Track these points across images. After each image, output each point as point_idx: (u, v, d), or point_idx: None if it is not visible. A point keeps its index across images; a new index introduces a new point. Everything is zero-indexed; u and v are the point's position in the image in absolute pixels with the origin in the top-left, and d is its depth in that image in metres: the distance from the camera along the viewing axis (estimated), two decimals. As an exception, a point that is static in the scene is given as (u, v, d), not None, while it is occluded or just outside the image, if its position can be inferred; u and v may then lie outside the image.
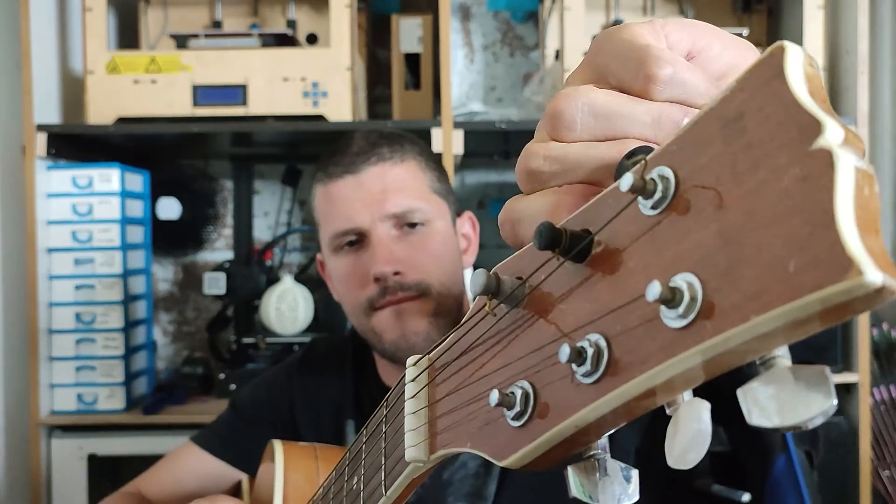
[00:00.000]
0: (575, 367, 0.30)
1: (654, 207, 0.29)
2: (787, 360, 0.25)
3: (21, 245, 1.80)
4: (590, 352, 0.29)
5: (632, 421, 0.95)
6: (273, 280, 2.00)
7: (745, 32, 1.86)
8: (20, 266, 1.80)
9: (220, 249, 2.25)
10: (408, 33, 1.99)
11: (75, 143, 1.87)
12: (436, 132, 1.75)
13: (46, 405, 1.80)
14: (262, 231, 2.23)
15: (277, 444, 0.89)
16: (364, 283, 1.06)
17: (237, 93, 1.79)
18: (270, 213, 2.24)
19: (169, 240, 2.14)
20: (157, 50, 1.93)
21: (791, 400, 0.25)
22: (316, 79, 1.78)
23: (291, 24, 1.95)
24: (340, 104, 1.78)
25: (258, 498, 1.00)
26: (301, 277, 2.00)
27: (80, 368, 1.81)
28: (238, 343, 1.99)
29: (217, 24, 1.96)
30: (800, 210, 0.23)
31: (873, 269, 0.21)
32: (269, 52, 1.80)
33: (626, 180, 0.29)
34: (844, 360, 1.82)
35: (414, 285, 1.05)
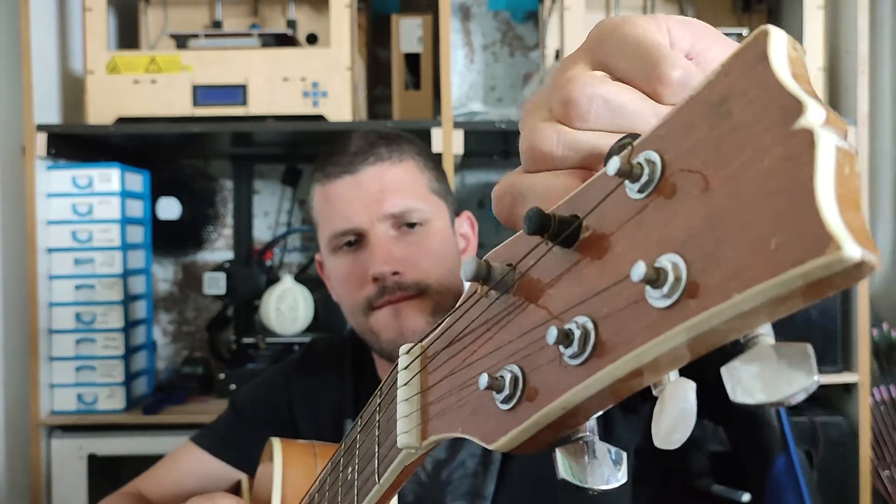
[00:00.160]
0: (562, 349, 0.30)
1: (640, 191, 0.29)
2: (771, 338, 0.26)
3: (21, 245, 1.80)
4: (577, 334, 0.29)
5: (632, 419, 0.95)
6: (273, 280, 2.00)
7: (745, 32, 1.87)
8: (20, 266, 1.80)
9: (220, 249, 2.25)
10: (408, 33, 1.99)
11: (75, 143, 1.87)
12: (436, 132, 1.76)
13: (46, 405, 1.80)
14: (262, 231, 2.24)
15: (276, 442, 0.89)
16: (363, 283, 1.06)
17: (237, 93, 1.79)
18: (270, 213, 2.24)
19: (169, 240, 2.15)
20: (157, 50, 1.93)
21: (774, 377, 0.25)
22: (316, 79, 1.78)
23: (291, 24, 1.96)
24: (340, 104, 1.78)
25: (258, 497, 1.00)
26: (301, 277, 2.00)
27: (80, 368, 1.81)
28: (238, 343, 1.99)
29: (217, 24, 1.96)
30: (782, 189, 0.24)
31: (852, 244, 0.22)
32: (269, 52, 1.80)
33: (613, 164, 0.29)
34: (844, 360, 1.82)
35: (412, 285, 1.06)
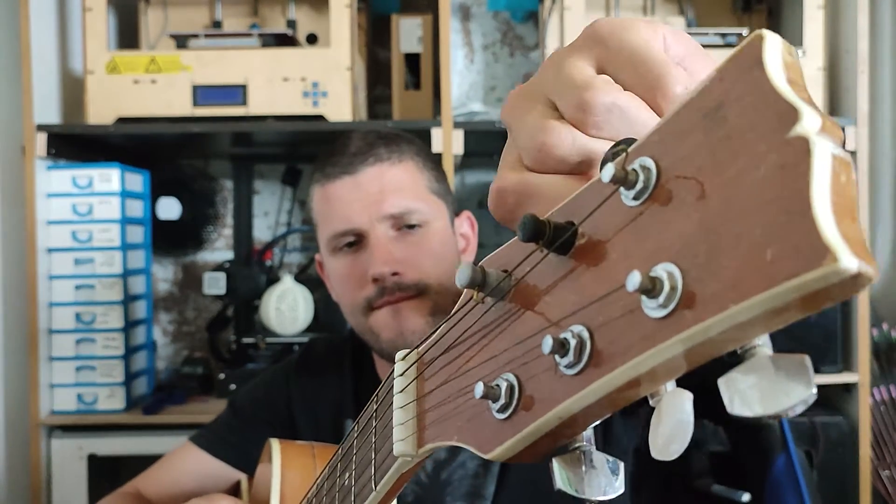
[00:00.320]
0: (558, 358, 0.30)
1: (635, 198, 0.29)
2: (768, 350, 0.25)
3: (21, 245, 1.80)
4: (572, 343, 0.29)
5: (631, 421, 0.95)
6: (273, 280, 2.00)
7: (745, 32, 1.86)
8: (20, 266, 1.80)
9: (220, 249, 2.25)
10: (408, 33, 1.99)
11: (75, 143, 1.87)
12: (436, 132, 1.75)
13: (46, 405, 1.80)
14: (262, 231, 2.24)
15: (275, 443, 0.89)
16: (362, 284, 1.06)
17: (237, 93, 1.79)
18: (270, 213, 2.24)
19: (169, 240, 2.15)
20: (157, 50, 1.93)
21: (771, 389, 0.25)
22: (316, 79, 1.78)
23: (291, 24, 1.95)
24: (340, 104, 1.78)
25: (257, 498, 1.00)
26: (301, 277, 2.00)
27: (80, 368, 1.81)
28: (238, 343, 1.99)
29: (217, 24, 1.96)
30: (777, 198, 0.23)
31: (849, 256, 0.21)
32: (269, 52, 1.80)
33: (608, 171, 0.29)
34: (844, 360, 1.82)
35: (412, 285, 1.05)
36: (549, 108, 0.37)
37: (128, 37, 2.11)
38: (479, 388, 0.33)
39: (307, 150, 2.07)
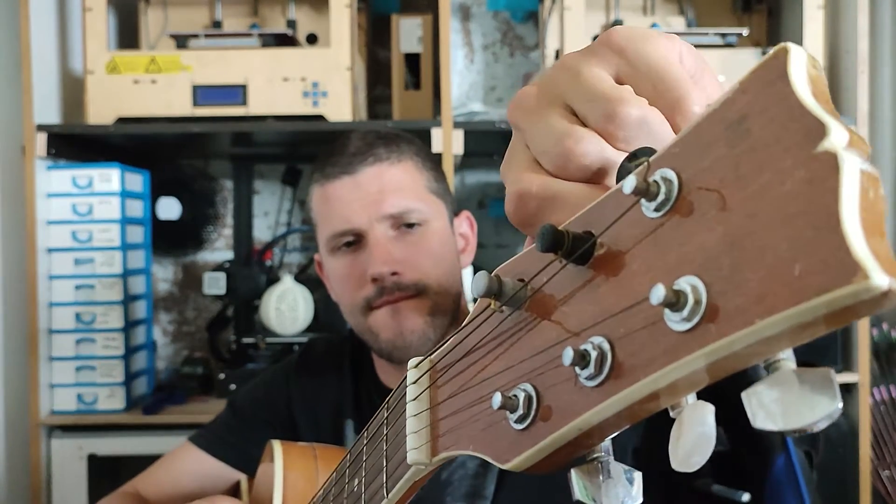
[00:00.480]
0: (578, 370, 0.30)
1: (657, 210, 0.28)
2: (792, 363, 0.25)
3: (21, 245, 1.80)
4: (593, 355, 0.29)
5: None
6: (273, 280, 2.00)
7: (745, 32, 1.86)
8: (20, 266, 1.80)
9: (220, 249, 2.25)
10: (408, 33, 1.99)
11: (75, 143, 1.87)
12: (436, 132, 1.75)
13: (46, 405, 1.80)
14: (262, 231, 2.23)
15: (276, 445, 0.89)
16: (362, 284, 1.06)
17: (237, 93, 1.79)
18: (270, 213, 2.24)
19: (169, 240, 2.14)
20: (157, 50, 1.93)
21: (796, 403, 0.24)
22: (316, 79, 1.78)
23: (291, 24, 1.95)
24: (340, 104, 1.78)
25: (257, 498, 0.99)
26: (301, 277, 2.00)
27: (80, 368, 1.81)
28: (238, 343, 1.99)
29: (217, 24, 1.96)
30: (805, 213, 0.23)
31: (880, 273, 0.21)
32: (269, 52, 1.79)
33: (630, 182, 0.28)
34: (844, 360, 1.82)
35: (411, 285, 1.05)
36: (567, 113, 0.37)
37: (128, 37, 2.11)
38: (497, 399, 0.33)
39: (307, 150, 2.07)
